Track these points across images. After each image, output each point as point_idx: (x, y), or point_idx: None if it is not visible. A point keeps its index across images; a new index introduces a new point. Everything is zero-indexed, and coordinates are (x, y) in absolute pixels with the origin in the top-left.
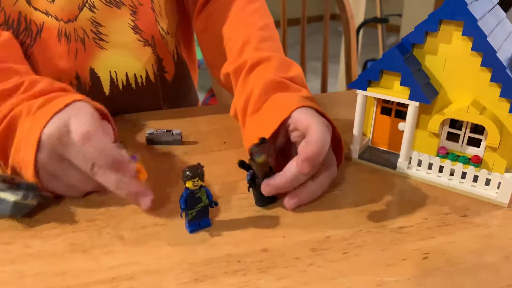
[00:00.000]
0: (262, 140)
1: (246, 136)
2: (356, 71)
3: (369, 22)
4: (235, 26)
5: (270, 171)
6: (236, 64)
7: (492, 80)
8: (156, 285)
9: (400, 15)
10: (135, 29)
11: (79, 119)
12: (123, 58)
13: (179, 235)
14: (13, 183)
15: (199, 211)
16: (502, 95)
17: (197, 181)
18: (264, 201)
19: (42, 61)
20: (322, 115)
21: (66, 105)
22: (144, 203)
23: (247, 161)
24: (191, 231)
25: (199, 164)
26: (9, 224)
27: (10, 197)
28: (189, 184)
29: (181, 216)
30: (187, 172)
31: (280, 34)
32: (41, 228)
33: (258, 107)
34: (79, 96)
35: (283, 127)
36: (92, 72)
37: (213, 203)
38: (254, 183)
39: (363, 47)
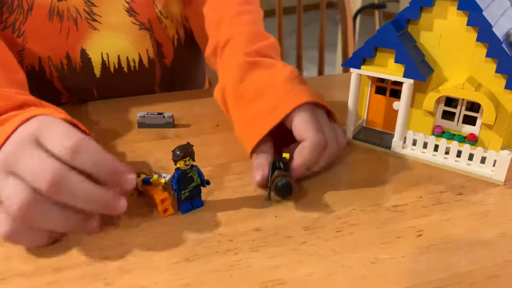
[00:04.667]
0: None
1: (240, 128)
2: None
3: (367, 8)
4: (213, 3)
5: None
6: (212, 44)
7: (488, 55)
8: (146, 264)
9: (397, 1)
10: (130, 11)
11: (53, 130)
12: (116, 40)
13: (171, 216)
14: None
15: (192, 191)
16: (498, 70)
17: (188, 160)
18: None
19: (34, 38)
20: (315, 103)
21: (26, 120)
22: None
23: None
24: (184, 211)
25: (188, 143)
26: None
27: None
28: (180, 164)
29: (174, 198)
30: (178, 152)
31: (276, 23)
32: None
33: (243, 94)
34: (43, 110)
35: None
36: (83, 53)
37: (205, 182)
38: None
39: (360, 35)
